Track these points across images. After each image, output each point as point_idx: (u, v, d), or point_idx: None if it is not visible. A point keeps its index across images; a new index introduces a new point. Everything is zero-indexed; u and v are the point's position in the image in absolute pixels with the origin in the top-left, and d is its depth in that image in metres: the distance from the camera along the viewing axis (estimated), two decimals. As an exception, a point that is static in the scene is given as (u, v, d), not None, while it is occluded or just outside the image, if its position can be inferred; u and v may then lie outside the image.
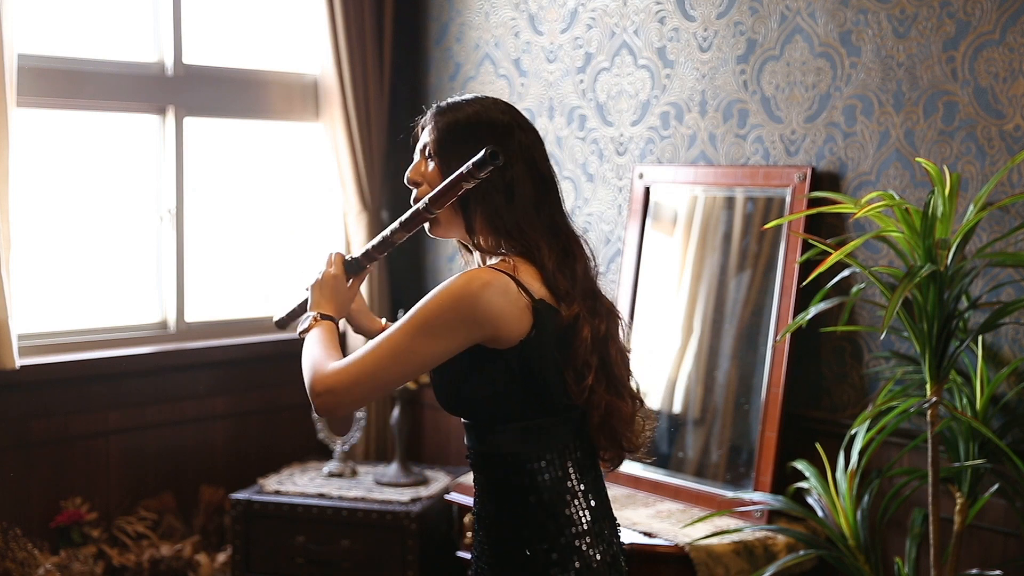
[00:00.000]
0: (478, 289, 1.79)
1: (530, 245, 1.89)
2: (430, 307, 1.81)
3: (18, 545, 3.43)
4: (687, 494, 3.21)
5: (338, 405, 1.84)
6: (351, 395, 1.83)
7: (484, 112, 1.94)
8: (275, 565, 3.72)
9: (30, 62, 3.52)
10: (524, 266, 1.87)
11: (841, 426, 3.01)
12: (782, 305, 3.08)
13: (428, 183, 1.95)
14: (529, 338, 1.82)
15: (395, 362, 1.81)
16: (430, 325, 1.80)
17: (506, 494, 1.89)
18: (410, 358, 1.81)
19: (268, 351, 4.07)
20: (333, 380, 1.82)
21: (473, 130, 1.92)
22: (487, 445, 1.90)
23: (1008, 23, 2.74)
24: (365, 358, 1.82)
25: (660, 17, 3.48)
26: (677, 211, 3.41)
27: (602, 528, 1.91)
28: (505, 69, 3.96)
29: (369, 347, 1.83)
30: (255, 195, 4.19)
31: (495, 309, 1.79)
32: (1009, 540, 2.79)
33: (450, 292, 1.80)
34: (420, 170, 1.97)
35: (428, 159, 1.96)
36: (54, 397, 3.61)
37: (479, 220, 1.91)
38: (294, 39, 4.18)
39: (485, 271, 1.83)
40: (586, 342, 1.86)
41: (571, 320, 1.86)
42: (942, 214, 2.50)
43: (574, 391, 1.86)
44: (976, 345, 2.70)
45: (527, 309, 1.82)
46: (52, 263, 3.73)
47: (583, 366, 1.86)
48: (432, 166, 1.95)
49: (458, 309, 1.79)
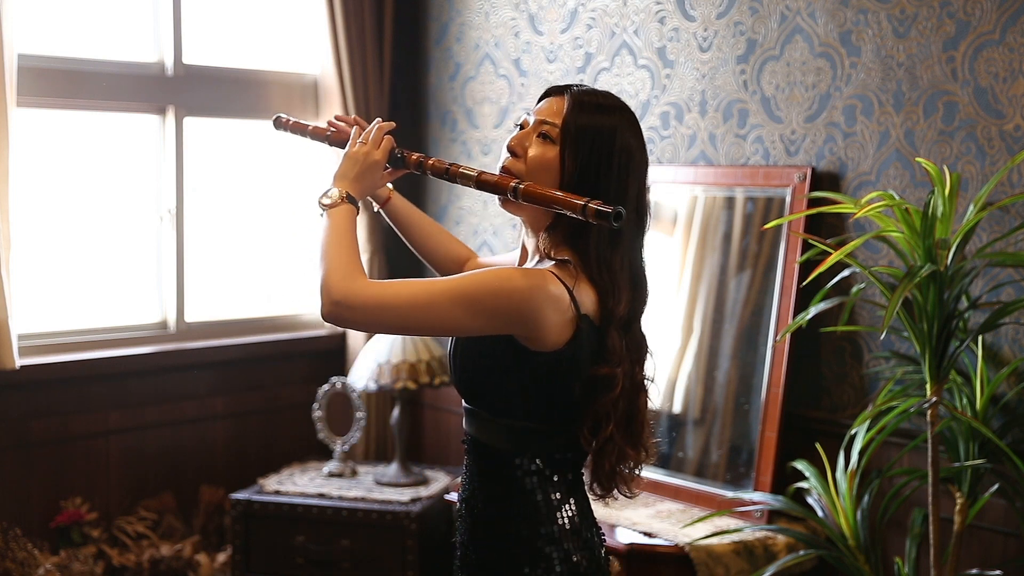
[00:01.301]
0: (533, 289, 1.75)
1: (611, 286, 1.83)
2: (482, 284, 1.75)
3: (18, 545, 3.43)
4: (687, 494, 3.21)
5: (351, 320, 1.76)
6: (368, 318, 1.76)
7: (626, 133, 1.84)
8: (275, 565, 3.72)
9: (30, 62, 3.52)
10: (586, 283, 1.82)
11: (841, 426, 3.01)
12: (782, 305, 3.08)
13: (526, 161, 1.85)
14: (564, 350, 1.80)
15: (425, 313, 1.75)
16: (475, 301, 1.74)
17: (494, 486, 1.89)
18: (440, 318, 1.75)
19: (268, 351, 4.07)
20: (358, 296, 1.75)
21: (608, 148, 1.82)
22: (484, 434, 1.89)
23: (1008, 23, 2.74)
24: (399, 293, 1.75)
25: (660, 17, 3.48)
26: (677, 211, 3.41)
27: (586, 533, 1.91)
28: (505, 69, 3.96)
29: (404, 283, 1.76)
30: (255, 195, 4.19)
31: (542, 315, 1.76)
32: (1009, 540, 2.79)
33: (507, 280, 1.75)
34: (525, 145, 1.87)
35: (540, 137, 1.85)
36: (54, 397, 3.61)
37: (565, 229, 1.84)
38: (294, 39, 4.18)
39: (545, 274, 1.77)
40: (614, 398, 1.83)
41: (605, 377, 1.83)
42: (942, 214, 2.50)
43: (587, 439, 1.84)
44: (976, 345, 2.70)
45: (572, 322, 1.79)
46: (52, 263, 3.73)
47: (603, 417, 1.84)
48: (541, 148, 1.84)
49: (507, 300, 1.74)
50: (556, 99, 1.88)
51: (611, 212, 1.71)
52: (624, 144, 1.84)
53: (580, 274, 1.82)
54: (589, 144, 1.82)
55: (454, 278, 1.77)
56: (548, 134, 1.85)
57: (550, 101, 1.88)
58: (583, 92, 1.87)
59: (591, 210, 1.73)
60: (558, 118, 1.85)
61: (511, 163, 1.87)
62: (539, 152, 1.85)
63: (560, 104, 1.86)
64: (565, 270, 1.81)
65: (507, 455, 1.87)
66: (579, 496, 1.92)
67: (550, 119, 1.85)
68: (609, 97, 1.88)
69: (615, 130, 1.83)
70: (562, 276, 1.79)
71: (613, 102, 1.87)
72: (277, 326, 4.18)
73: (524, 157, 1.86)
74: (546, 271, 1.79)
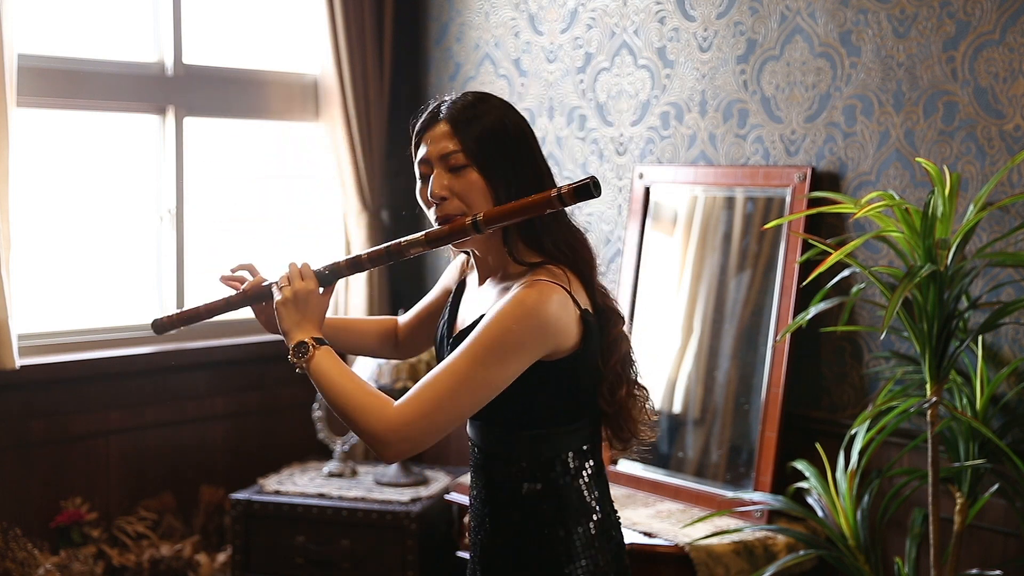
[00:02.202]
0: (545, 302, 1.73)
1: (577, 260, 1.84)
2: (498, 331, 1.72)
3: (18, 545, 3.43)
4: (687, 494, 3.21)
5: (414, 448, 1.71)
6: (426, 434, 1.70)
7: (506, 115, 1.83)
8: (275, 565, 3.72)
9: (30, 62, 3.52)
10: (572, 278, 1.83)
11: (841, 426, 3.01)
12: (782, 305, 3.08)
13: (460, 197, 1.80)
14: (578, 350, 1.80)
15: (469, 393, 1.71)
16: (502, 348, 1.71)
17: (515, 495, 1.87)
18: (485, 386, 1.72)
19: (268, 351, 4.07)
20: (402, 423, 1.70)
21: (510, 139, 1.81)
22: (504, 446, 1.87)
23: (1008, 23, 2.74)
24: (437, 393, 1.70)
25: (660, 17, 3.48)
26: (677, 211, 3.41)
27: (610, 529, 1.91)
28: (505, 69, 3.96)
29: (432, 380, 1.72)
30: (255, 195, 4.19)
31: (560, 322, 1.75)
32: (1009, 540, 2.79)
33: (516, 312, 1.72)
34: (444, 183, 1.81)
35: (452, 171, 1.81)
36: (54, 397, 3.61)
37: (517, 236, 1.84)
38: (294, 39, 4.18)
39: (545, 285, 1.76)
40: (623, 356, 1.85)
41: (616, 337, 1.85)
42: (942, 214, 2.50)
43: (607, 401, 1.85)
44: (976, 345, 2.70)
45: (579, 320, 1.79)
46: (52, 263, 3.73)
47: (616, 378, 1.85)
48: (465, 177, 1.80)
49: (527, 327, 1.72)
50: (435, 130, 1.83)
51: (589, 182, 1.71)
52: (515, 124, 1.83)
53: (562, 268, 1.83)
54: (496, 147, 1.80)
55: (469, 344, 1.73)
56: (456, 164, 1.80)
57: (431, 134, 1.83)
58: (452, 108, 1.83)
59: (568, 195, 1.72)
60: (453, 143, 1.80)
61: (447, 207, 1.81)
62: (462, 183, 1.80)
63: (443, 130, 1.82)
64: (549, 272, 1.80)
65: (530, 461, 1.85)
66: (603, 491, 1.92)
67: (447, 149, 1.81)
68: (471, 96, 1.85)
69: (502, 120, 1.82)
70: (553, 279, 1.78)
71: (479, 98, 1.84)
72: (277, 326, 4.17)
73: (453, 196, 1.81)
74: (540, 284, 1.77)
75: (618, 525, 1.94)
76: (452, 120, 1.81)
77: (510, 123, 1.83)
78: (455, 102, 1.84)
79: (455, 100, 1.85)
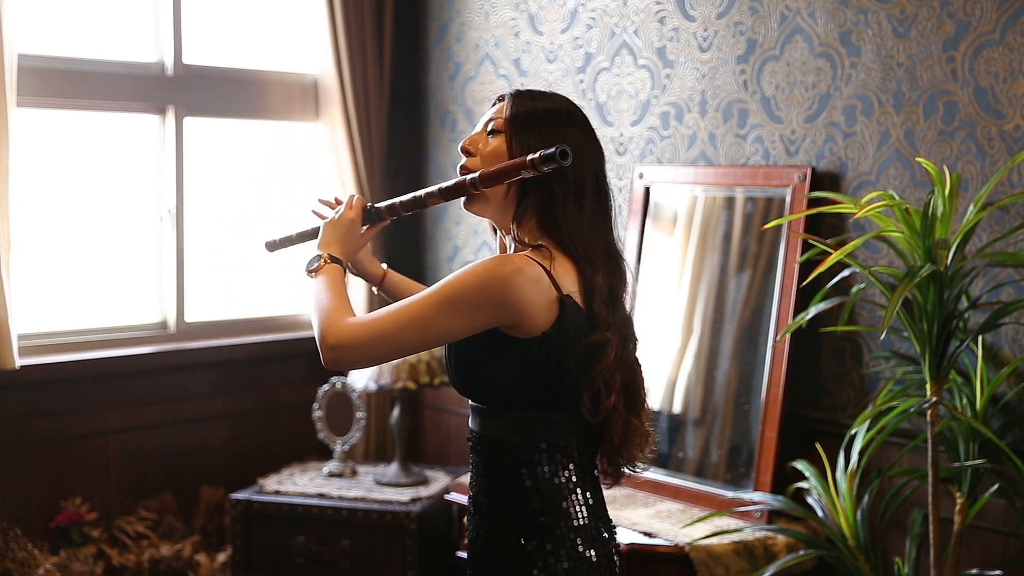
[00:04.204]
0: (510, 274, 1.78)
1: (586, 257, 1.87)
2: (459, 283, 1.79)
3: (18, 545, 3.43)
4: (687, 494, 3.21)
5: (349, 360, 1.82)
6: (364, 353, 1.81)
7: (567, 108, 1.94)
8: (275, 565, 3.72)
9: (30, 62, 3.52)
10: (563, 262, 1.86)
11: (841, 426, 3.01)
12: (782, 305, 3.08)
13: (481, 157, 1.93)
14: (551, 332, 1.81)
15: (415, 330, 1.80)
16: (456, 301, 1.78)
17: (503, 481, 1.89)
18: (430, 329, 1.80)
19: (268, 351, 4.07)
20: (349, 335, 1.81)
21: (552, 121, 1.91)
22: (490, 429, 1.90)
23: (1008, 23, 2.74)
24: (386, 319, 1.80)
25: (660, 17, 3.48)
26: (677, 211, 3.41)
27: (598, 528, 1.91)
28: (505, 69, 3.96)
29: (390, 310, 1.82)
30: (255, 195, 4.19)
31: (524, 297, 1.79)
32: (1009, 540, 2.79)
33: (481, 271, 1.79)
34: (477, 141, 1.95)
35: (490, 135, 1.94)
36: (54, 397, 3.61)
37: (532, 213, 1.90)
38: (294, 39, 4.18)
39: (519, 258, 1.81)
40: (609, 365, 1.86)
41: (599, 343, 1.85)
42: (942, 214, 2.50)
43: (589, 411, 1.86)
44: (976, 345, 2.70)
45: (555, 303, 1.81)
46: (52, 263, 3.73)
47: (603, 386, 1.86)
48: (493, 142, 1.92)
49: (486, 290, 1.78)
50: (505, 102, 1.97)
51: (555, 151, 1.77)
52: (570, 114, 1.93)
53: (557, 254, 1.86)
54: (534, 126, 1.90)
55: (433, 287, 1.82)
56: (496, 128, 1.93)
57: (498, 106, 1.98)
58: (523, 90, 1.97)
59: (538, 159, 1.79)
60: (504, 112, 1.94)
61: (467, 162, 1.95)
62: (490, 146, 1.93)
63: (507, 102, 1.96)
64: (539, 253, 1.85)
65: (515, 449, 1.88)
66: (591, 488, 1.92)
67: (499, 115, 1.95)
68: (548, 92, 1.97)
69: (556, 112, 1.92)
70: (536, 258, 1.83)
71: (551, 94, 1.96)
72: (277, 326, 4.18)
73: (479, 154, 1.94)
74: (519, 255, 1.83)
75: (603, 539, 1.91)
76: (517, 94, 1.95)
77: (562, 112, 1.93)
78: (530, 89, 1.98)
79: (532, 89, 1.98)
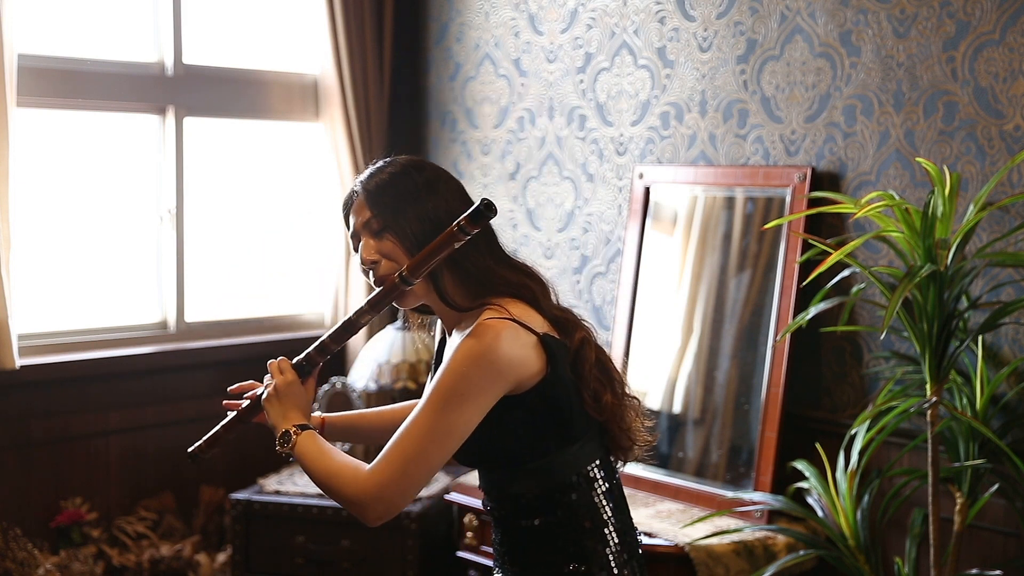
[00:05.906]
0: (492, 342, 1.76)
1: (516, 285, 1.87)
2: (452, 376, 1.77)
3: (18, 545, 3.43)
4: (687, 494, 3.21)
5: (391, 507, 1.78)
6: (399, 491, 1.76)
7: (407, 165, 1.91)
8: (275, 565, 3.72)
9: (30, 62, 3.52)
10: (515, 305, 1.85)
11: (841, 426, 3.01)
12: (782, 305, 3.08)
13: (388, 258, 1.88)
14: (546, 376, 1.81)
15: (435, 443, 1.76)
16: (459, 393, 1.76)
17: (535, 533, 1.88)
18: (449, 434, 1.77)
19: (268, 351, 4.04)
20: (376, 485, 1.76)
21: (411, 192, 1.87)
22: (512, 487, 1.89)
23: (1008, 23, 2.74)
24: (404, 449, 1.76)
25: (660, 17, 3.48)
26: (677, 211, 3.41)
27: (627, 540, 1.92)
28: (505, 69, 3.96)
29: (399, 440, 1.78)
30: (255, 195, 4.19)
31: (514, 356, 1.78)
32: (1009, 540, 2.79)
33: (467, 356, 1.76)
34: (370, 252, 1.89)
35: (375, 236, 1.89)
36: (54, 397, 3.61)
37: (449, 279, 1.87)
38: (294, 39, 4.18)
39: (488, 324, 1.79)
40: (591, 363, 1.86)
41: (579, 345, 1.86)
42: (942, 214, 2.50)
43: (594, 410, 1.87)
44: (976, 345, 2.70)
45: (537, 347, 1.81)
46: (52, 263, 3.73)
47: (596, 384, 1.87)
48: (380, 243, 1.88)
49: (480, 368, 1.76)
50: (356, 203, 1.93)
51: (480, 207, 1.77)
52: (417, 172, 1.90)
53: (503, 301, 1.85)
54: (397, 203, 1.87)
55: (428, 395, 1.79)
56: (371, 228, 1.89)
57: (353, 208, 1.94)
58: (365, 179, 1.93)
59: (465, 224, 1.78)
60: (368, 211, 1.90)
61: (380, 270, 1.90)
62: (383, 246, 1.89)
63: (360, 201, 1.92)
64: (494, 310, 1.83)
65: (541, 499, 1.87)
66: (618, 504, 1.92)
67: (366, 217, 1.90)
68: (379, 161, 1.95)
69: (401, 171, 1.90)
70: (497, 315, 1.81)
71: (385, 161, 1.94)
72: (277, 326, 4.18)
73: (380, 260, 1.89)
74: (484, 322, 1.80)
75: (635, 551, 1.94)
76: (365, 189, 1.91)
77: (412, 172, 1.90)
78: (368, 174, 1.94)
79: (368, 172, 1.94)
